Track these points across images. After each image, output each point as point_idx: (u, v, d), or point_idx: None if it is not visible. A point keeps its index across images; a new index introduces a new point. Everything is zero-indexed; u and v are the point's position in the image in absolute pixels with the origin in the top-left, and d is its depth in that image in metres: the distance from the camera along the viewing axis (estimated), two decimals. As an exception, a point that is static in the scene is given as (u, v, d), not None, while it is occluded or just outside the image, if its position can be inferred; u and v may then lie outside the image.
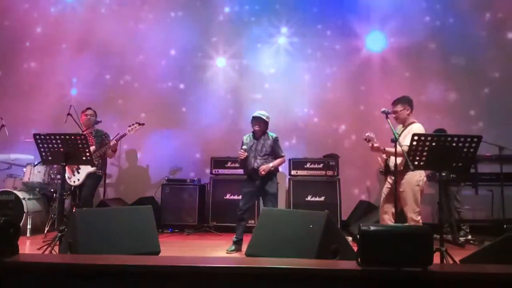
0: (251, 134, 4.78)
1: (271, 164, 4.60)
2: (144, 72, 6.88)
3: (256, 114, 4.69)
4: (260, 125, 4.66)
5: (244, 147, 4.65)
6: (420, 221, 3.89)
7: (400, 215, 3.95)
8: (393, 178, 3.96)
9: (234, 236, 4.62)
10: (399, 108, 4.10)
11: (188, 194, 6.05)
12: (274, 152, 4.69)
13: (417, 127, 3.96)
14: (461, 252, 4.01)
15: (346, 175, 6.07)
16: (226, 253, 4.48)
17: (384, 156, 4.11)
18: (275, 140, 4.72)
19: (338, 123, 6.57)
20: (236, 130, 6.33)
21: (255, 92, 6.74)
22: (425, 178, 3.97)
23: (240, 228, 4.60)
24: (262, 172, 4.54)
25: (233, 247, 4.53)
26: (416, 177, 3.88)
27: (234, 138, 6.40)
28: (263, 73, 6.78)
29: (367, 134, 3.97)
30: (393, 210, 3.99)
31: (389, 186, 4.07)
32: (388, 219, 4.07)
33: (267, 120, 4.69)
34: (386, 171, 4.12)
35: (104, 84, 6.90)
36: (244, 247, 4.37)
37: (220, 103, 6.76)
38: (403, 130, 4.06)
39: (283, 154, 4.77)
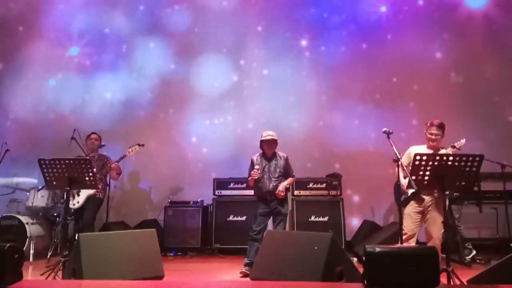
0: (261, 154, 4.67)
1: (286, 183, 4.56)
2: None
3: (267, 137, 4.57)
4: (273, 147, 4.59)
5: (257, 166, 4.52)
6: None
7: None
8: (419, 201, 3.83)
9: (246, 258, 4.42)
10: (440, 133, 3.91)
11: (191, 216, 6.01)
12: (286, 172, 4.64)
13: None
14: (468, 271, 3.95)
15: (349, 195, 6.05)
16: (240, 274, 4.30)
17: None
18: (287, 160, 4.66)
19: (340, 141, 6.57)
20: (240, 150, 6.35)
21: (257, 112, 6.78)
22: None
23: (253, 249, 4.40)
24: (281, 194, 4.49)
25: (247, 268, 4.30)
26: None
27: (237, 159, 6.42)
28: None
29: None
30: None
31: (419, 209, 3.86)
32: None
33: (277, 139, 4.61)
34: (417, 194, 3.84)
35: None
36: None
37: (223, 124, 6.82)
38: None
39: (294, 174, 4.74)
